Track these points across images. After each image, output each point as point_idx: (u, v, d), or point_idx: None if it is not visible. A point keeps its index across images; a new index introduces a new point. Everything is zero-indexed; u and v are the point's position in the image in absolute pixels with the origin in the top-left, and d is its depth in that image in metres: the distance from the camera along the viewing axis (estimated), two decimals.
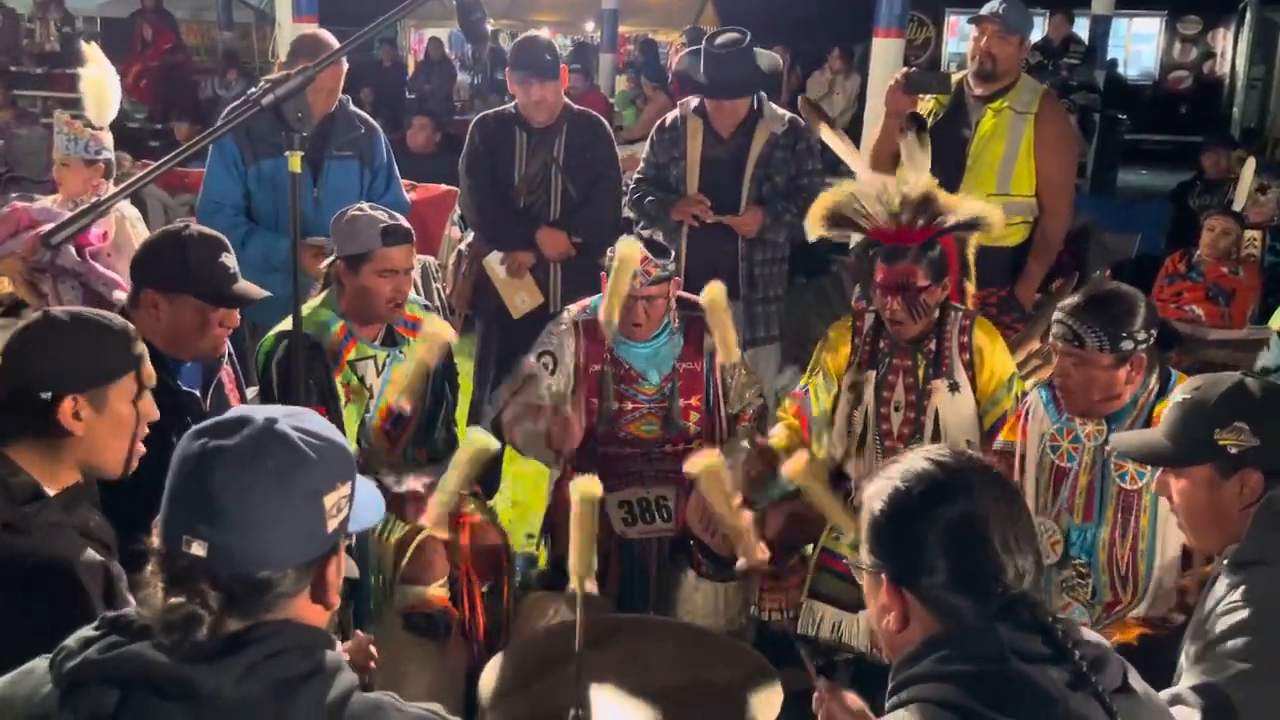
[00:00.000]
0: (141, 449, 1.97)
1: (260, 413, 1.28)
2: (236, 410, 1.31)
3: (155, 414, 1.98)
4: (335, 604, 1.33)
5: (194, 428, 1.28)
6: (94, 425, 1.85)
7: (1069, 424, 2.61)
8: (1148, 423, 2.47)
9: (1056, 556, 2.59)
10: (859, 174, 3.23)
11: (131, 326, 1.96)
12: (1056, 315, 2.51)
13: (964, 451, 1.48)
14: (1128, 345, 2.43)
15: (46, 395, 1.81)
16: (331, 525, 1.28)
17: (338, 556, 1.32)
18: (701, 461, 2.30)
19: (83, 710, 1.17)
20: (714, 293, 3.01)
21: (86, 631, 1.24)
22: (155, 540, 1.24)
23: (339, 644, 1.34)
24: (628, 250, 2.92)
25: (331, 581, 1.31)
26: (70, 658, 1.20)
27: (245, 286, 2.59)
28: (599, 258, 3.12)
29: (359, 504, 1.36)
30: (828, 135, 3.57)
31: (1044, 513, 2.62)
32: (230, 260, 2.56)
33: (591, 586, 2.13)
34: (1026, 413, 2.72)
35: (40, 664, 1.26)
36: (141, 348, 1.95)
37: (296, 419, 1.29)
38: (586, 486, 2.20)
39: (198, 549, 1.20)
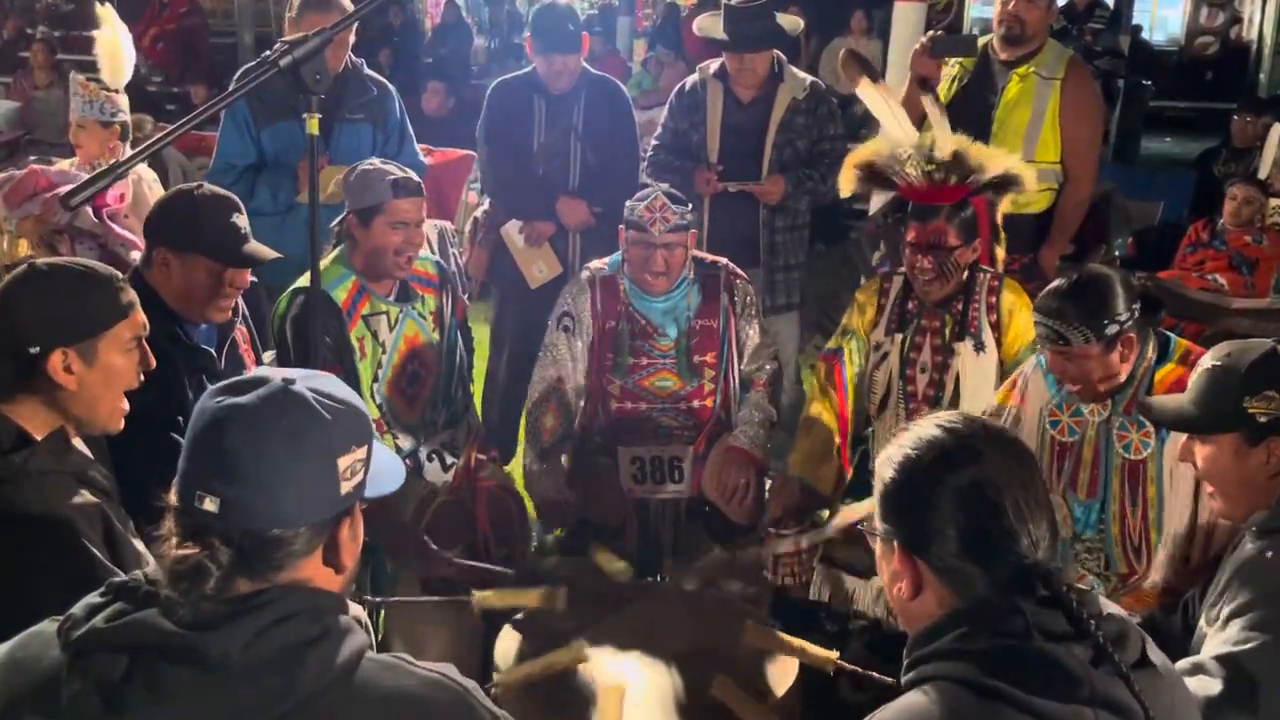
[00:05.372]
0: (125, 405, 1.94)
1: (278, 374, 1.28)
2: (255, 370, 1.31)
3: (152, 363, 1.96)
4: (348, 568, 1.32)
5: (212, 386, 1.28)
6: (86, 378, 1.84)
7: (1069, 398, 2.56)
8: (1149, 391, 2.45)
9: (1069, 532, 2.57)
10: (899, 130, 3.17)
11: (119, 275, 1.93)
12: (1035, 318, 2.46)
13: (977, 418, 1.47)
14: (1112, 330, 2.37)
15: (35, 349, 1.79)
16: (345, 488, 1.28)
17: (351, 520, 1.32)
18: None
19: (91, 677, 1.17)
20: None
21: (93, 598, 1.24)
22: (172, 497, 1.25)
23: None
24: None
25: (344, 544, 1.30)
26: (77, 626, 1.20)
27: (256, 247, 2.58)
28: (619, 224, 3.12)
29: (379, 470, 1.35)
30: (869, 91, 3.50)
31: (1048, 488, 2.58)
32: (242, 220, 2.56)
33: None
34: (1023, 382, 2.68)
35: (47, 627, 1.26)
36: (131, 296, 1.92)
37: (314, 381, 1.29)
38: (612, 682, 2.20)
39: (210, 505, 1.20)
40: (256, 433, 1.22)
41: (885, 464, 1.42)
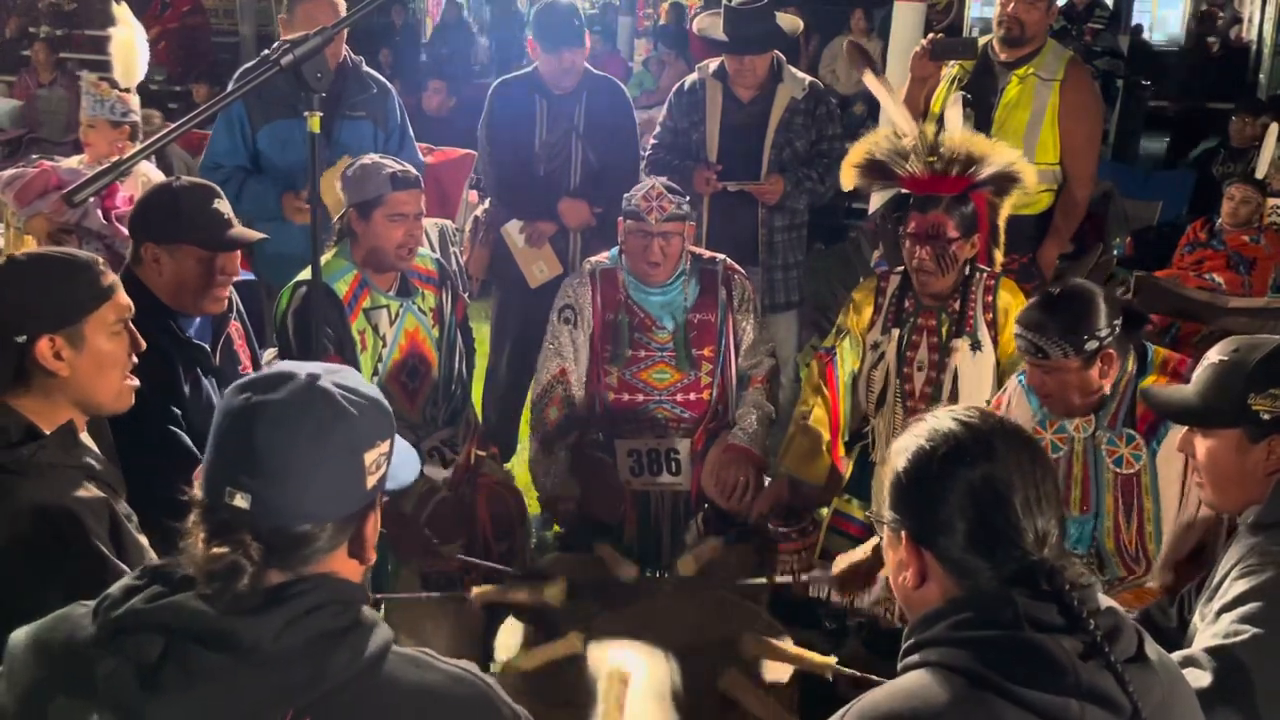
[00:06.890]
0: (134, 382, 1.95)
1: (303, 369, 1.29)
2: (280, 366, 1.32)
3: (142, 344, 1.97)
4: (371, 559, 1.35)
5: (237, 382, 1.30)
6: (76, 363, 1.85)
7: (1051, 415, 2.56)
8: (1131, 404, 2.45)
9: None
10: (898, 122, 3.20)
11: (99, 260, 1.93)
12: (1016, 330, 2.47)
13: (991, 413, 1.47)
14: (1092, 345, 2.37)
15: (21, 338, 1.81)
16: (370, 482, 1.30)
17: (375, 513, 1.34)
18: None
19: (128, 657, 1.19)
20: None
21: (130, 580, 1.26)
22: (197, 491, 1.26)
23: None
24: None
25: (369, 537, 1.33)
26: (115, 606, 1.22)
27: (242, 230, 2.59)
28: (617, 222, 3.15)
29: (396, 462, 1.37)
30: (871, 82, 3.52)
31: None
32: (224, 206, 2.57)
33: None
34: (1008, 401, 2.68)
35: (75, 610, 1.28)
36: (113, 279, 1.92)
37: (337, 376, 1.31)
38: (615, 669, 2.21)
39: (240, 501, 1.22)
40: (286, 428, 1.24)
41: (899, 453, 1.41)
